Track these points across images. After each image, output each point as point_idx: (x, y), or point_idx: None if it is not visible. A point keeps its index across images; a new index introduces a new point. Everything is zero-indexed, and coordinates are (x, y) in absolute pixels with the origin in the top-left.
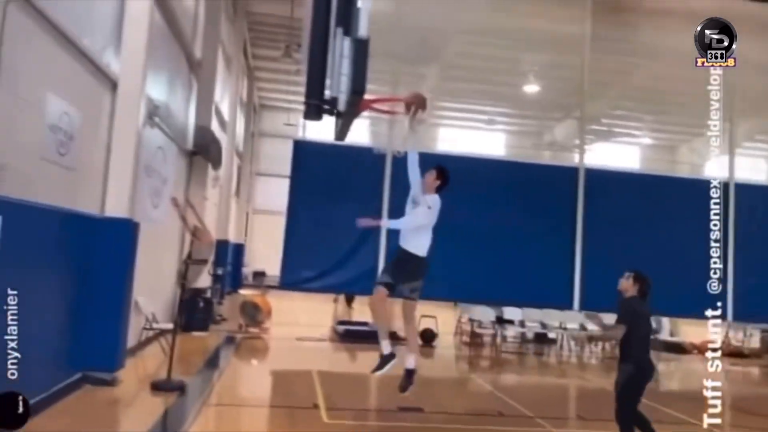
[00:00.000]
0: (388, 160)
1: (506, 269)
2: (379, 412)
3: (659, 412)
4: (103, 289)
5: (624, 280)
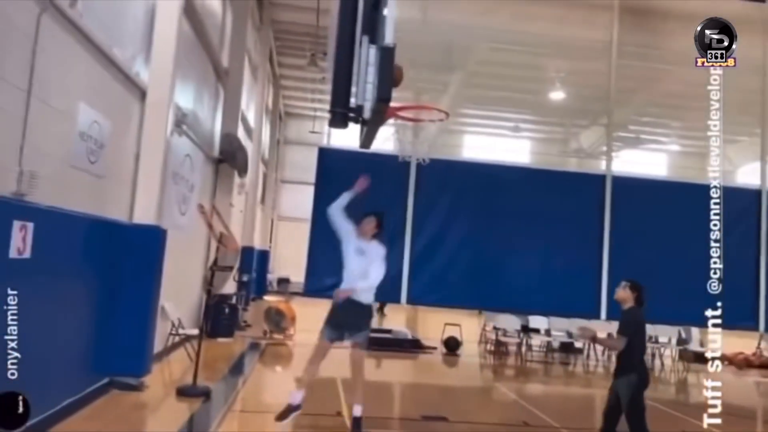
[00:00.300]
0: (413, 168)
1: (532, 277)
2: (402, 420)
3: (688, 423)
4: (131, 295)
5: (621, 290)
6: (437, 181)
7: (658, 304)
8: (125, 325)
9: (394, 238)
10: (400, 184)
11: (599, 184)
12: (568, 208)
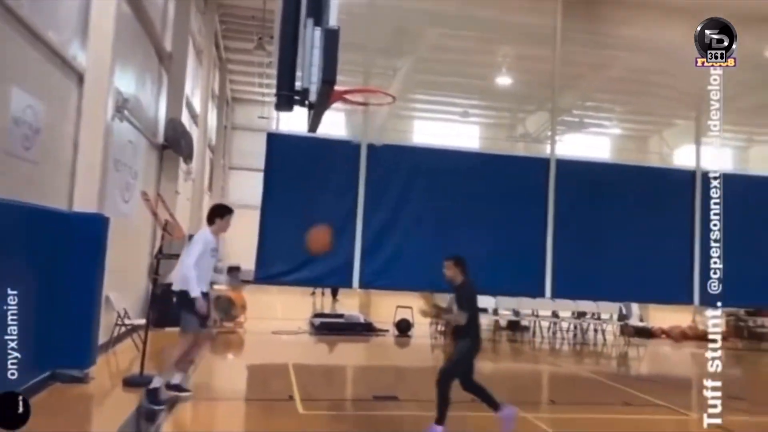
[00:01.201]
0: (363, 153)
1: (480, 259)
2: (354, 401)
3: (628, 394)
4: (73, 285)
5: (447, 270)
6: (388, 165)
7: (599, 282)
8: (68, 316)
9: (345, 223)
10: (350, 169)
11: (544, 167)
12: (515, 191)
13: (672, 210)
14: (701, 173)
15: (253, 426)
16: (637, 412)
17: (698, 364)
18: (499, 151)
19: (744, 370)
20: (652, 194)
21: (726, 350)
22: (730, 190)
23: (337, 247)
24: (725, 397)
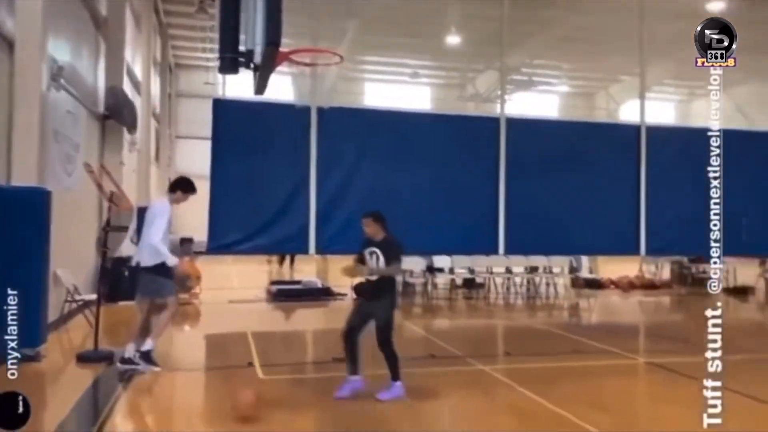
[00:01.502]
0: (314, 116)
1: (436, 219)
2: (314, 364)
3: (578, 342)
4: (17, 262)
5: (368, 227)
6: (340, 129)
7: (550, 237)
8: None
9: (298, 189)
10: (301, 134)
11: (495, 126)
12: (467, 150)
13: (619, 164)
14: (646, 127)
15: (213, 394)
16: (587, 358)
17: (645, 311)
18: (450, 111)
19: (687, 314)
20: (600, 149)
21: (671, 296)
22: (671, 144)
23: (291, 213)
24: (669, 340)
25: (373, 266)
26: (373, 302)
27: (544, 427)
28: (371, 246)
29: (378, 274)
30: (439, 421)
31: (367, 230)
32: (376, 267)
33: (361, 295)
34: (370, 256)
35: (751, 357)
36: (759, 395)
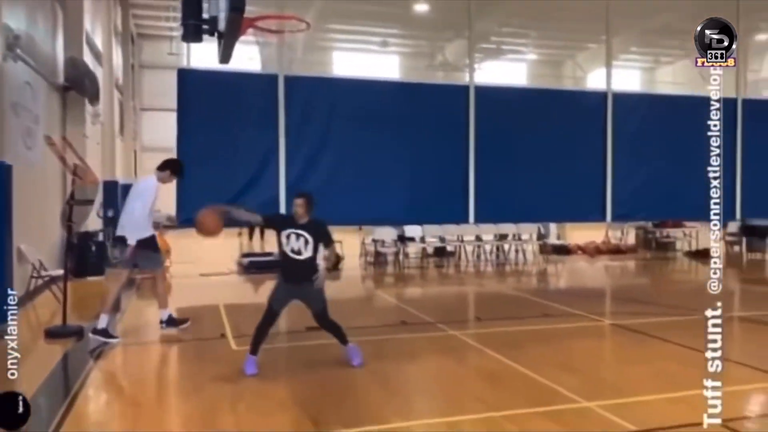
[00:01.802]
0: (281, 86)
1: (405, 190)
2: (287, 333)
3: (547, 306)
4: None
5: (299, 208)
6: (309, 99)
7: (519, 204)
8: None
9: (268, 159)
10: (269, 104)
11: (464, 94)
12: (436, 119)
13: (586, 132)
14: (612, 94)
15: (186, 365)
16: (556, 322)
17: (611, 275)
18: (419, 80)
19: (652, 277)
20: (567, 117)
21: (636, 260)
22: (637, 111)
23: (262, 184)
24: (634, 302)
25: (299, 247)
26: (307, 284)
27: (514, 389)
28: (295, 227)
29: (332, 260)
30: (411, 385)
31: (298, 210)
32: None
33: (295, 278)
34: (297, 238)
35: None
36: None
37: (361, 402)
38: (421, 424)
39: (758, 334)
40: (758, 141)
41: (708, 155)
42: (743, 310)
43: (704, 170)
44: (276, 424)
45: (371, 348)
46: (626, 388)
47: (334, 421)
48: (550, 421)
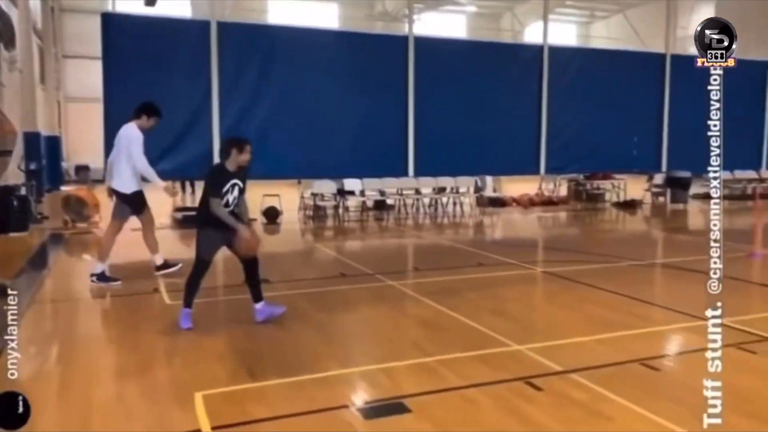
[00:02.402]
0: (214, 33)
1: (345, 143)
2: (226, 287)
3: (482, 256)
4: None
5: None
6: (242, 47)
7: (457, 158)
8: None
9: (200, 110)
10: (201, 51)
11: (403, 46)
12: (375, 71)
13: (522, 85)
14: (548, 48)
15: (118, 320)
16: (490, 270)
17: (543, 226)
18: (358, 30)
19: (581, 228)
20: (505, 71)
21: (567, 211)
22: (571, 65)
23: (194, 136)
24: (564, 251)
25: (235, 196)
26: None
27: (449, 335)
28: (234, 178)
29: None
30: (349, 334)
31: (248, 159)
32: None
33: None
34: (233, 188)
35: (631, 264)
36: (636, 295)
37: (298, 352)
38: (358, 371)
39: (679, 279)
40: (684, 96)
41: (641, 109)
42: (666, 257)
43: (634, 124)
44: (212, 375)
45: (310, 300)
46: (555, 331)
47: (271, 371)
48: (482, 364)
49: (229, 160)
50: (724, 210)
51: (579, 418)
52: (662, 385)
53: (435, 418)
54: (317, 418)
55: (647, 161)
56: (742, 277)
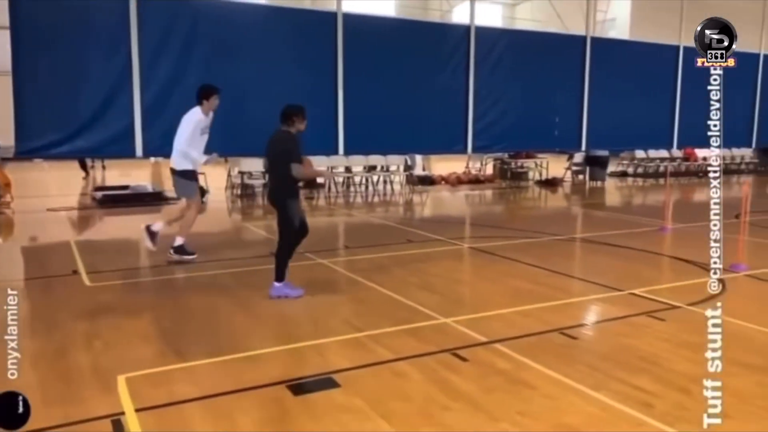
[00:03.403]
0: (133, 5)
1: (273, 120)
2: (149, 268)
3: (411, 233)
4: None
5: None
6: (166, 21)
7: (387, 136)
8: None
9: (121, 83)
10: (119, 22)
11: (332, 22)
12: (304, 47)
13: (450, 65)
14: (475, 28)
15: (34, 303)
16: (419, 247)
17: (470, 203)
18: (285, 4)
19: (506, 205)
20: (433, 50)
21: (493, 189)
22: (498, 45)
23: (114, 111)
24: (489, 227)
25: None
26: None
27: (379, 310)
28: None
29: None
30: (279, 313)
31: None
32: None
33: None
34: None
35: (551, 239)
36: (556, 268)
37: (227, 331)
38: (287, 349)
39: (595, 252)
40: (602, 78)
41: (562, 90)
42: (584, 232)
43: (556, 105)
44: (136, 357)
45: (238, 279)
46: (480, 304)
47: (199, 352)
48: (410, 337)
49: (293, 127)
50: (638, 187)
51: (502, 386)
52: (579, 352)
53: (364, 391)
54: (246, 396)
55: (568, 141)
56: (653, 249)
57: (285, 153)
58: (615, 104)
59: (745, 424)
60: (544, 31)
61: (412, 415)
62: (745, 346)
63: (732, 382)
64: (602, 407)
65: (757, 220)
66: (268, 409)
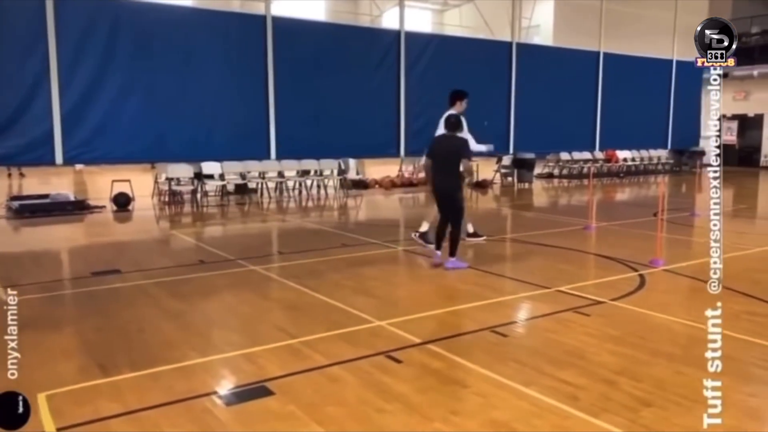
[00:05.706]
0: (50, 5)
1: (201, 125)
2: (71, 280)
3: (346, 237)
4: None
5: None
6: (86, 21)
7: (320, 141)
8: None
9: (38, 85)
10: (35, 20)
11: (261, 25)
12: (232, 50)
13: (381, 70)
14: (405, 34)
15: None
16: (353, 251)
17: (404, 206)
18: (213, 7)
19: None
20: (364, 54)
21: (426, 192)
22: (427, 50)
23: (32, 115)
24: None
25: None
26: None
27: (313, 316)
28: None
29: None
30: (209, 322)
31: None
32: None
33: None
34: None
35: (483, 240)
36: (487, 268)
37: (154, 343)
38: (218, 359)
39: (525, 253)
40: (528, 82)
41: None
42: (514, 232)
43: (485, 110)
44: (57, 374)
45: (165, 289)
46: (413, 306)
47: (125, 364)
48: (345, 342)
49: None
50: (563, 188)
51: (436, 386)
52: (510, 349)
53: (299, 398)
54: (175, 409)
55: (496, 144)
56: (579, 248)
57: (461, 150)
58: (540, 108)
59: (665, 412)
60: (472, 37)
61: (347, 419)
62: (664, 337)
63: (653, 371)
64: (532, 402)
65: (673, 217)
66: (199, 422)
